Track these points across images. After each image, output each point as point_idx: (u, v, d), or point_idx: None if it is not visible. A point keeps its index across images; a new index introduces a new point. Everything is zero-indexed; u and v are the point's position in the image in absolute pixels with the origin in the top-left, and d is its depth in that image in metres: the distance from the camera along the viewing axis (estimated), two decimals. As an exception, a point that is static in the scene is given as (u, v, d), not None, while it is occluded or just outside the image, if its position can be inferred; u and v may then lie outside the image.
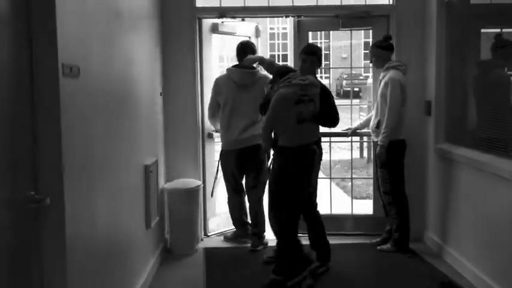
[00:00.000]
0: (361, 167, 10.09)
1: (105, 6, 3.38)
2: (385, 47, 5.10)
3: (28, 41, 2.43)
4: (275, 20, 33.26)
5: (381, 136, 4.96)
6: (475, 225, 4.44)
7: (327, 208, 5.80)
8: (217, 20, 5.67)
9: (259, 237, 5.34)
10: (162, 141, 5.37)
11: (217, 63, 6.06)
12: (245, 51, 5.27)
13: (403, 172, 5.08)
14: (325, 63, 27.55)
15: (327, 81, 16.83)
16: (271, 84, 4.50)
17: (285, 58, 28.06)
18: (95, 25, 3.13)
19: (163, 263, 4.98)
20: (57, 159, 2.52)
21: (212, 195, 5.67)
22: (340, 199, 7.17)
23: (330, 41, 23.09)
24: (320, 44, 26.78)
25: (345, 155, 10.11)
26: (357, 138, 6.97)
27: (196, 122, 5.58)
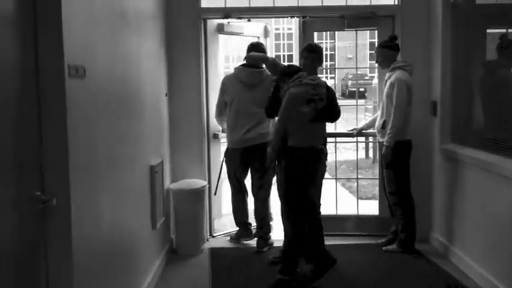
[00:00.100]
0: (366, 167, 10.06)
1: (111, 7, 3.39)
2: (391, 47, 5.09)
3: (34, 42, 2.44)
4: (280, 20, 33.21)
5: (387, 136, 4.95)
6: (481, 226, 4.43)
7: (332, 209, 5.81)
8: (223, 20, 5.68)
9: (264, 239, 5.34)
10: (168, 141, 5.38)
11: (224, 64, 6.05)
12: (259, 50, 5.23)
13: (409, 172, 5.07)
14: (330, 63, 27.56)
15: (332, 82, 16.81)
16: (277, 83, 4.48)
17: (290, 58, 28.03)
18: (101, 26, 3.14)
19: (169, 264, 4.99)
20: (63, 160, 2.52)
21: (215, 193, 5.67)
22: (345, 200, 7.15)
23: (335, 41, 23.04)
24: (325, 44, 26.85)
25: (351, 155, 10.09)
26: (362, 139, 6.98)
27: (201, 122, 5.58)
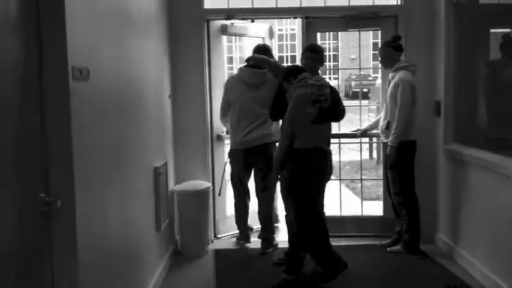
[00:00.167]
0: (370, 168, 10.06)
1: (114, 8, 3.39)
2: (395, 47, 5.09)
3: (38, 44, 2.44)
4: (283, 21, 33.19)
5: (392, 137, 4.94)
6: (486, 226, 4.42)
7: (336, 210, 5.80)
8: (227, 21, 5.68)
9: (269, 240, 5.34)
10: (172, 143, 5.38)
11: (228, 65, 6.05)
12: (265, 55, 5.18)
13: (413, 173, 5.06)
14: (333, 64, 27.53)
15: (335, 82, 16.77)
16: (282, 83, 4.45)
17: (293, 59, 27.98)
18: (104, 27, 3.14)
19: (173, 265, 4.99)
20: (67, 162, 2.53)
21: (220, 194, 5.67)
22: (349, 200, 7.15)
23: (338, 42, 23.02)
24: (328, 44, 26.82)
25: (355, 156, 10.08)
26: (366, 139, 6.97)
27: (205, 123, 5.59)
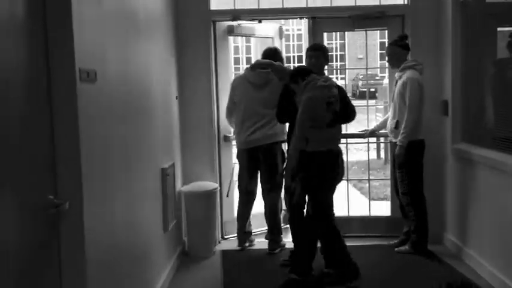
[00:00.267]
0: (378, 168, 10.02)
1: (121, 10, 3.40)
2: (402, 46, 5.08)
3: (45, 46, 2.45)
4: (289, 21, 33.13)
5: (401, 136, 4.92)
6: (494, 226, 4.39)
7: (344, 210, 5.79)
8: (233, 22, 5.69)
9: (276, 241, 5.33)
10: (179, 144, 5.39)
11: (235, 65, 6.06)
12: (274, 58, 5.19)
13: (422, 173, 5.04)
14: (340, 63, 27.44)
15: (342, 82, 16.73)
16: (290, 84, 4.43)
17: (300, 60, 27.93)
18: (111, 29, 3.15)
19: (181, 266, 5.00)
20: (75, 164, 2.54)
21: (228, 195, 5.67)
22: (357, 201, 7.13)
23: (345, 41, 22.95)
24: (335, 44, 26.76)
25: (362, 156, 10.05)
26: (373, 139, 6.94)
27: (212, 124, 5.59)
